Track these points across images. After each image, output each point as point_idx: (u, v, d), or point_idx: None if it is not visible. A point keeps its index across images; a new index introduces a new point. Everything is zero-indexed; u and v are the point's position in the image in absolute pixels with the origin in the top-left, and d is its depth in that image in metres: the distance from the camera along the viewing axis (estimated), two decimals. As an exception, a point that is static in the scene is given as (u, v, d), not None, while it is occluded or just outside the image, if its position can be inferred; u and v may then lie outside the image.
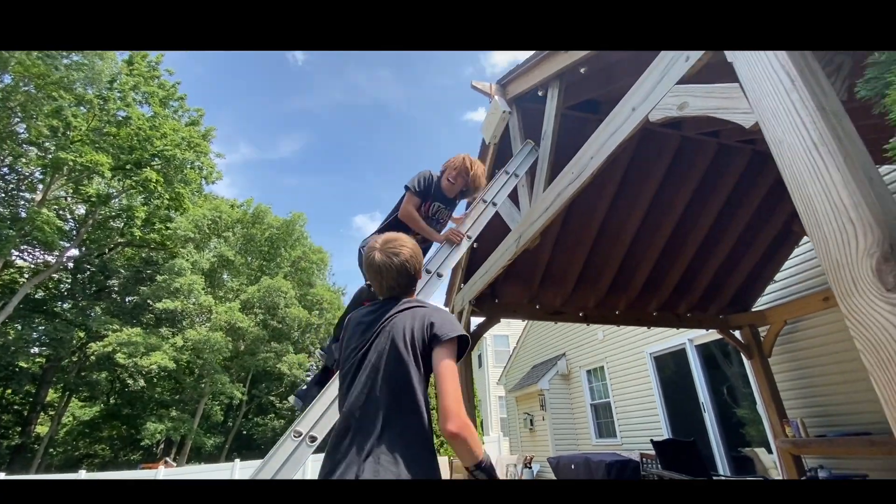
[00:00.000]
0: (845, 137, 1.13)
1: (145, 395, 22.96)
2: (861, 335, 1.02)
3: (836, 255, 1.07)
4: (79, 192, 21.72)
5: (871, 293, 1.00)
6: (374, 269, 1.42)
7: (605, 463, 6.20)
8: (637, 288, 5.05)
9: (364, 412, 1.23)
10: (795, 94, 1.20)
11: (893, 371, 0.95)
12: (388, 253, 1.41)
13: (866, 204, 1.03)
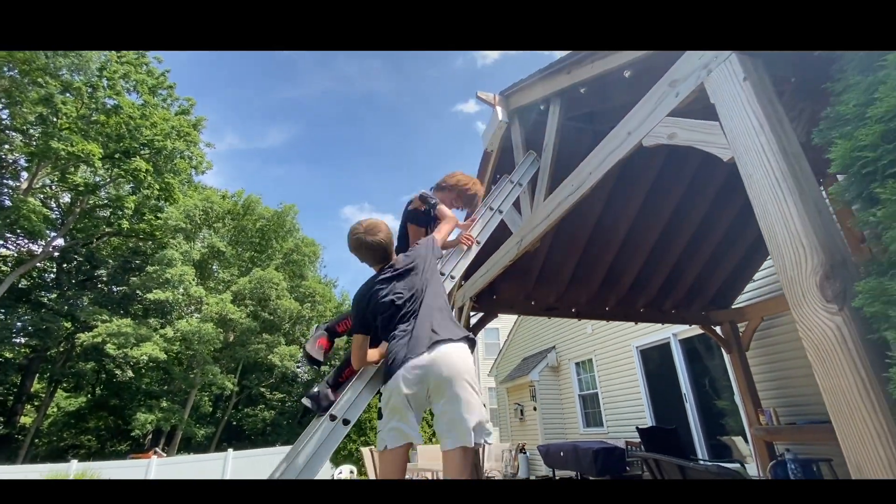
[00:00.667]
0: (801, 176, 1.39)
1: (133, 385, 22.92)
2: (807, 336, 1.29)
3: (791, 272, 1.34)
4: (65, 181, 21.40)
5: (815, 303, 1.26)
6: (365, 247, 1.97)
7: (592, 450, 6.55)
8: (626, 286, 5.36)
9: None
10: (763, 137, 1.46)
11: (829, 364, 1.22)
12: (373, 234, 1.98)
13: (814, 232, 1.29)
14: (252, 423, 26.10)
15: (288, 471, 1.77)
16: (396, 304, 1.89)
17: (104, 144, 20.66)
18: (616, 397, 8.33)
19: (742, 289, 5.91)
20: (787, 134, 1.46)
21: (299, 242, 27.55)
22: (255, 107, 56.26)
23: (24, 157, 20.91)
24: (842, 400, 1.19)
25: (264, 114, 58.77)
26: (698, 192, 4.34)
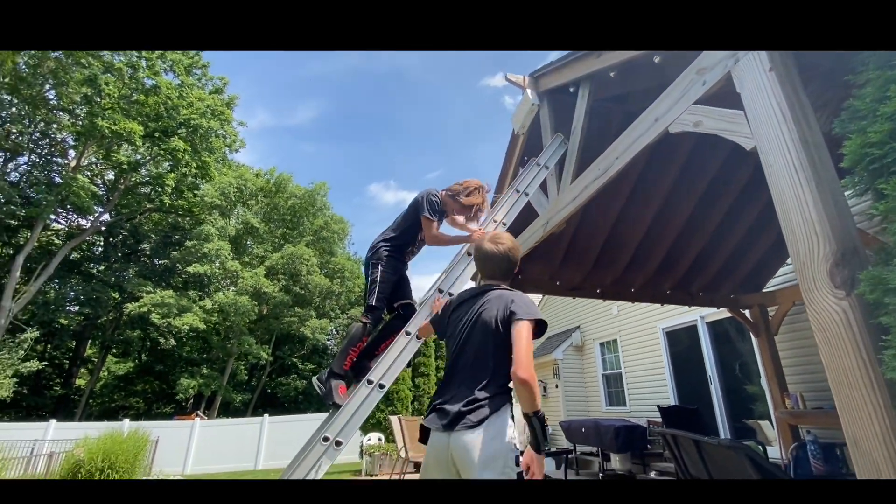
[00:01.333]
0: (820, 165, 1.44)
1: (176, 353, 24.40)
2: (815, 320, 1.37)
3: (804, 258, 1.41)
4: (109, 159, 22.45)
5: (824, 289, 1.34)
6: (482, 256, 1.91)
7: (613, 427, 6.69)
8: (653, 267, 5.36)
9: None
10: (785, 127, 1.51)
11: (834, 346, 1.30)
12: (495, 243, 1.89)
13: (829, 221, 1.35)
14: (285, 392, 27.43)
15: (332, 427, 1.99)
16: (467, 346, 1.75)
17: (144, 124, 21.49)
18: (640, 378, 8.39)
19: (774, 272, 5.81)
20: (809, 124, 1.50)
21: (329, 220, 28.14)
22: (285, 83, 56.76)
23: (72, 135, 22.03)
24: (843, 379, 1.27)
25: (293, 90, 59.26)
26: (730, 176, 4.27)
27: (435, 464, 1.61)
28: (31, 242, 20.35)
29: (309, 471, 1.89)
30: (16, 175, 23.21)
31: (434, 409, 1.68)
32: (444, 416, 1.60)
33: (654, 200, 4.49)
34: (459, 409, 1.57)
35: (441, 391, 1.73)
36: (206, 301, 22.40)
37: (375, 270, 2.58)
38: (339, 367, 2.33)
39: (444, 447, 1.58)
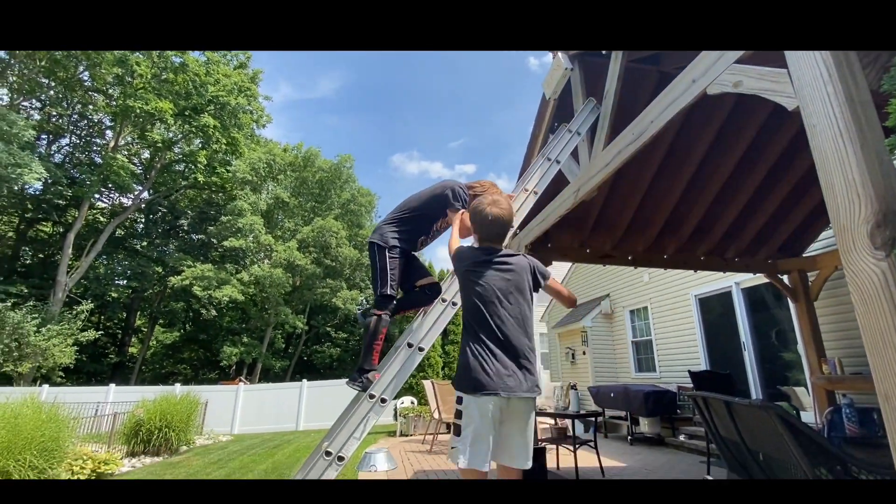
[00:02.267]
0: (867, 125, 1.41)
1: (217, 323, 25.70)
2: (853, 282, 1.38)
3: (844, 220, 1.41)
4: (144, 138, 23.18)
5: (864, 251, 1.34)
6: (483, 219, 2.01)
7: (643, 392, 6.78)
8: (687, 233, 5.27)
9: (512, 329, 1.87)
10: (830, 87, 1.47)
11: (871, 306, 1.32)
12: (497, 207, 2.01)
13: (872, 182, 1.34)
14: (321, 359, 28.68)
15: (377, 386, 2.14)
16: (504, 308, 1.86)
17: (175, 102, 21.96)
18: (670, 344, 8.37)
19: (815, 237, 5.61)
20: (856, 81, 1.46)
21: (356, 193, 28.44)
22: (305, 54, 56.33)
23: (108, 116, 22.79)
24: (878, 339, 1.30)
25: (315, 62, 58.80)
26: (770, 138, 4.10)
27: (488, 420, 1.74)
28: (79, 220, 21.53)
29: (357, 425, 2.07)
30: (59, 156, 24.35)
31: (498, 374, 1.77)
32: (510, 379, 1.77)
33: (689, 165, 4.37)
34: (525, 377, 1.80)
35: (495, 354, 1.80)
36: (242, 274, 23.36)
37: (383, 257, 2.46)
38: (368, 364, 2.30)
39: (500, 408, 1.76)
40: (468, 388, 1.78)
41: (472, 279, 1.94)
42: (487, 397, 1.74)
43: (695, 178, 4.55)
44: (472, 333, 1.88)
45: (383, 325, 2.36)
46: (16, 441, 5.63)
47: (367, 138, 61.43)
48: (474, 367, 1.78)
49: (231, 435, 14.09)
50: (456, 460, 1.73)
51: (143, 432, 9.75)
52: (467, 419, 1.75)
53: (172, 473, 7.90)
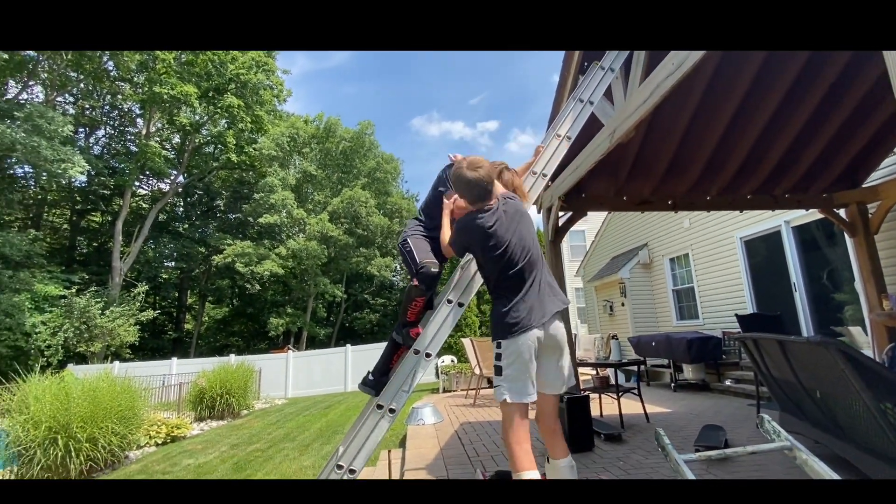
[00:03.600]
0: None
1: (262, 296, 26.93)
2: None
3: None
4: (173, 123, 23.71)
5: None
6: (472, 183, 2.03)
7: (686, 339, 6.66)
8: (731, 172, 4.96)
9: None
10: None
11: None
12: (474, 169, 2.04)
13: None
14: (361, 325, 29.76)
15: (421, 342, 2.18)
16: (521, 250, 1.98)
17: (197, 84, 22.19)
18: (714, 291, 8.12)
19: (876, 165, 5.16)
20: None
21: (380, 160, 28.36)
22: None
23: (137, 104, 23.35)
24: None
25: (329, 29, 57.25)
26: (823, 61, 3.71)
27: (525, 356, 1.91)
28: (124, 208, 22.61)
29: (406, 378, 2.13)
30: (97, 148, 25.35)
31: (529, 312, 1.95)
32: (536, 313, 1.95)
33: (734, 97, 4.04)
34: (549, 300, 2.00)
35: (521, 297, 1.97)
36: (280, 248, 24.13)
37: (406, 244, 2.48)
38: (404, 318, 2.37)
39: (537, 340, 1.94)
40: (504, 334, 1.93)
41: (481, 244, 2.01)
42: (523, 335, 1.89)
43: (740, 111, 4.21)
44: (496, 288, 2.05)
45: (419, 293, 2.35)
46: (97, 412, 6.21)
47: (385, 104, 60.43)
48: (505, 314, 1.94)
49: (285, 398, 15.05)
50: (501, 397, 1.89)
51: (206, 399, 10.57)
52: (507, 359, 1.91)
53: (237, 434, 8.57)
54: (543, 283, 2.01)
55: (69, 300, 17.53)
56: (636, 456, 3.32)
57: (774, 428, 1.76)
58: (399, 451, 4.06)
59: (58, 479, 2.20)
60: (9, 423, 5.83)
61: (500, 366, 1.93)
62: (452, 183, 2.11)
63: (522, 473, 1.76)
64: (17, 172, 19.96)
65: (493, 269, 2.03)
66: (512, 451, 1.81)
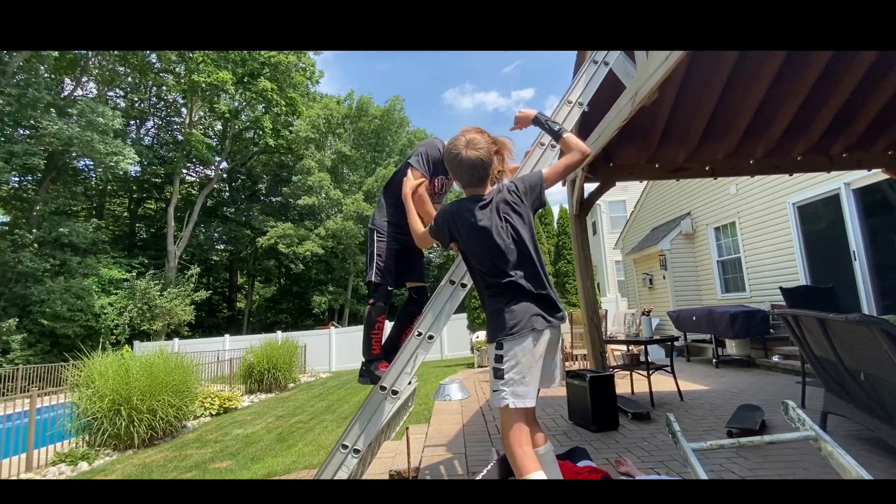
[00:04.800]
0: None
1: (305, 276, 27.99)
2: None
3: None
4: (214, 111, 24.55)
5: None
6: (469, 164, 1.83)
7: (729, 313, 6.30)
8: (778, 132, 4.50)
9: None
10: None
11: None
12: (474, 149, 1.84)
13: None
14: (399, 301, 30.09)
15: (423, 324, 2.15)
16: (518, 246, 1.79)
17: (232, 71, 22.73)
18: (762, 261, 7.58)
19: (957, 114, 4.52)
20: None
21: (412, 136, 28.21)
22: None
23: (180, 94, 24.30)
24: None
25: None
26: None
27: (528, 357, 1.76)
28: (174, 195, 23.90)
29: (408, 361, 2.11)
30: (148, 139, 26.76)
31: (528, 311, 1.77)
32: (538, 317, 1.77)
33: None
34: (550, 303, 1.80)
35: (521, 294, 1.79)
36: (319, 229, 24.82)
37: (372, 242, 2.34)
38: (369, 354, 2.32)
39: (536, 341, 1.77)
40: (504, 333, 1.75)
41: (472, 239, 1.80)
42: (532, 335, 1.73)
43: (787, 64, 3.78)
44: (489, 286, 1.83)
45: (377, 313, 2.31)
46: (154, 385, 6.73)
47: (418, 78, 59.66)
48: (505, 312, 1.75)
49: (329, 372, 15.75)
50: (501, 403, 1.70)
51: (255, 373, 11.24)
52: (510, 361, 1.73)
53: (283, 406, 9.07)
54: (545, 288, 1.81)
55: (131, 283, 18.95)
56: (662, 436, 3.20)
57: (799, 416, 1.61)
58: (423, 426, 4.14)
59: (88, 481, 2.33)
60: (78, 396, 6.43)
61: (500, 368, 1.73)
62: (448, 164, 1.91)
63: (529, 476, 1.65)
64: (78, 165, 21.46)
65: (481, 265, 1.84)
66: (514, 454, 1.69)
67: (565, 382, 3.85)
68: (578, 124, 4.12)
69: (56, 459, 5.81)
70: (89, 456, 5.91)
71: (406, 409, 3.79)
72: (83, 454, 5.91)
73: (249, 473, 4.43)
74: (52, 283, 16.67)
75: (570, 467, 2.11)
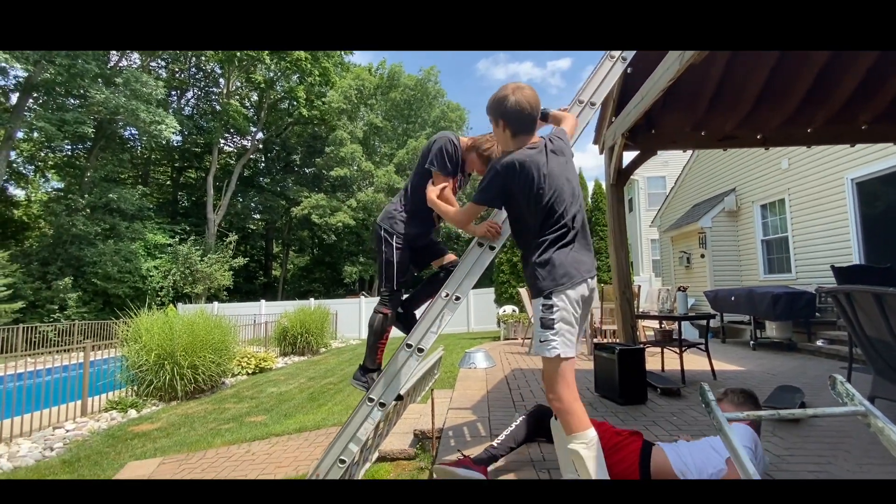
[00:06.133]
0: None
1: (337, 246, 28.55)
2: None
3: None
4: (250, 81, 24.84)
5: None
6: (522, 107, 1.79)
7: (771, 294, 6.00)
8: (842, 98, 4.13)
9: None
10: None
11: None
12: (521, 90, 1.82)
13: None
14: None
15: (450, 284, 2.13)
16: (572, 194, 1.79)
17: (268, 39, 22.78)
18: (812, 241, 7.13)
19: None
20: None
21: (445, 108, 27.73)
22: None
23: (217, 64, 24.67)
24: None
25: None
26: None
27: (573, 309, 1.76)
28: (213, 164, 24.62)
29: (434, 320, 2.11)
30: (188, 109, 27.46)
31: (579, 262, 1.77)
32: (585, 264, 1.80)
33: None
34: (592, 255, 1.87)
35: (571, 245, 1.78)
36: (351, 200, 25.10)
37: (389, 248, 2.27)
38: (372, 364, 2.28)
39: (582, 295, 1.78)
40: (553, 285, 1.72)
41: (529, 185, 1.74)
42: (577, 287, 1.73)
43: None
44: (538, 236, 1.78)
45: (388, 324, 2.30)
46: (195, 343, 7.10)
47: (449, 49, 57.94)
48: (553, 264, 1.73)
49: (359, 339, 16.21)
50: (552, 353, 1.68)
51: (289, 337, 11.70)
52: (559, 312, 1.72)
53: (314, 369, 9.44)
54: (588, 237, 1.84)
55: (174, 248, 19.87)
56: (692, 412, 3.12)
57: (847, 390, 1.50)
58: (448, 391, 4.20)
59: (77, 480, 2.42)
60: (127, 350, 6.87)
61: (549, 318, 1.70)
62: (496, 110, 1.81)
63: (587, 432, 1.63)
64: (125, 134, 22.35)
65: (538, 215, 1.77)
66: (572, 409, 1.65)
67: (593, 355, 3.80)
68: (619, 86, 3.90)
69: (108, 406, 6.28)
70: (137, 404, 6.36)
71: (432, 376, 3.85)
72: (132, 403, 6.36)
73: (282, 428, 4.64)
74: (103, 245, 17.71)
75: (609, 428, 2.08)
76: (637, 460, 1.89)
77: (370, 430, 2.05)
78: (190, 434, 4.82)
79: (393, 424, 3.14)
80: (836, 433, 2.56)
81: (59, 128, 15.69)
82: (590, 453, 1.61)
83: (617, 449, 1.94)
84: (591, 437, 1.63)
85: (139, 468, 3.70)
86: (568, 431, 1.66)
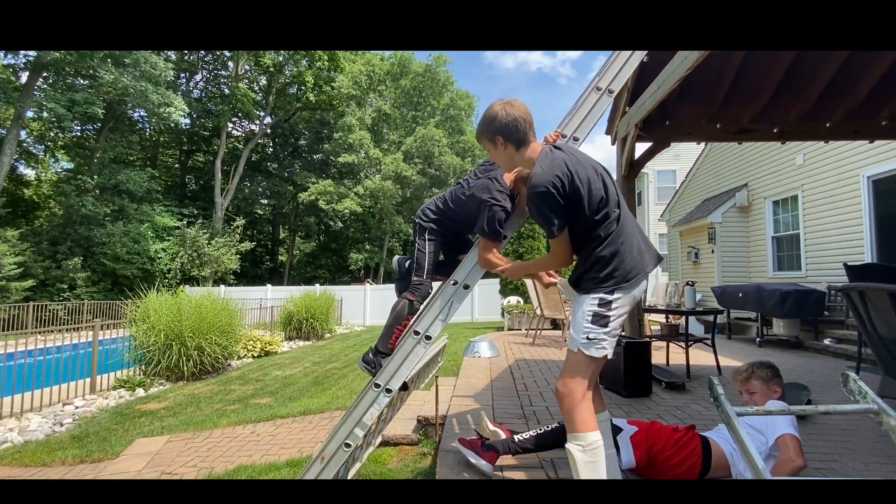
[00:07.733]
0: None
1: (343, 233, 28.62)
2: None
3: None
4: (259, 64, 24.68)
5: None
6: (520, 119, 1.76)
7: (780, 291, 5.94)
8: (863, 92, 4.03)
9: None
10: None
11: None
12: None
13: None
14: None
15: (459, 272, 2.12)
16: (613, 183, 1.75)
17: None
18: (824, 238, 7.03)
19: None
20: None
21: (454, 96, 27.49)
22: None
23: (227, 47, 24.53)
24: None
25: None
26: None
27: (630, 306, 1.73)
28: (221, 148, 24.62)
29: (442, 308, 2.10)
30: (197, 92, 27.39)
31: (640, 252, 1.73)
32: (646, 256, 1.76)
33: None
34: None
35: (630, 238, 1.72)
36: (358, 188, 25.07)
37: (423, 239, 2.30)
38: (384, 346, 2.24)
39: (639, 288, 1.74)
40: (617, 282, 1.65)
41: (591, 177, 1.66)
42: (638, 284, 1.69)
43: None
44: (602, 228, 1.67)
45: (409, 311, 2.26)
46: (202, 325, 7.17)
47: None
48: (614, 260, 1.66)
49: (363, 326, 16.31)
50: (600, 353, 1.63)
51: (294, 321, 11.79)
52: (618, 310, 1.66)
53: (319, 354, 9.52)
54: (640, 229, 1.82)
55: (182, 231, 20.00)
56: (696, 406, 3.11)
57: (860, 388, 1.48)
58: (452, 379, 4.21)
59: (68, 479, 2.47)
60: (135, 330, 6.96)
61: (606, 315, 1.63)
62: (489, 130, 1.78)
63: (588, 435, 1.58)
64: (134, 116, 22.37)
65: (599, 206, 1.66)
66: (580, 409, 1.60)
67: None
68: (634, 76, 3.82)
69: (116, 385, 6.38)
70: (145, 384, 6.45)
71: (436, 363, 3.86)
72: (140, 382, 6.45)
73: (286, 410, 4.70)
74: (112, 226, 17.85)
75: (665, 427, 2.09)
76: (700, 453, 1.92)
77: (376, 415, 2.05)
78: (196, 414, 4.89)
79: (396, 410, 3.17)
80: (842, 431, 2.54)
81: (69, 108, 15.73)
82: (584, 457, 1.56)
83: (682, 446, 1.96)
84: (592, 440, 1.57)
85: (147, 445, 3.76)
86: (569, 430, 1.62)
